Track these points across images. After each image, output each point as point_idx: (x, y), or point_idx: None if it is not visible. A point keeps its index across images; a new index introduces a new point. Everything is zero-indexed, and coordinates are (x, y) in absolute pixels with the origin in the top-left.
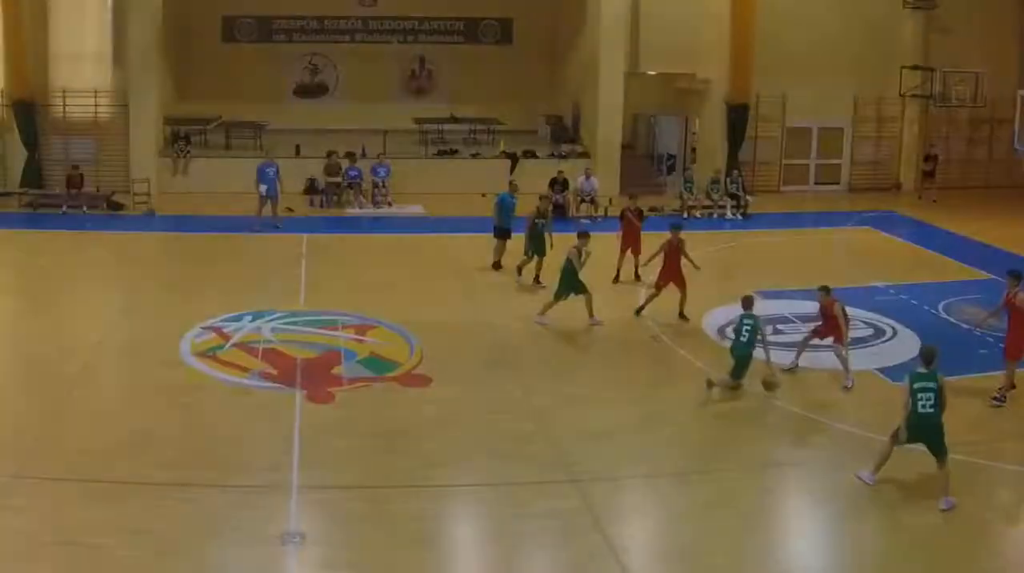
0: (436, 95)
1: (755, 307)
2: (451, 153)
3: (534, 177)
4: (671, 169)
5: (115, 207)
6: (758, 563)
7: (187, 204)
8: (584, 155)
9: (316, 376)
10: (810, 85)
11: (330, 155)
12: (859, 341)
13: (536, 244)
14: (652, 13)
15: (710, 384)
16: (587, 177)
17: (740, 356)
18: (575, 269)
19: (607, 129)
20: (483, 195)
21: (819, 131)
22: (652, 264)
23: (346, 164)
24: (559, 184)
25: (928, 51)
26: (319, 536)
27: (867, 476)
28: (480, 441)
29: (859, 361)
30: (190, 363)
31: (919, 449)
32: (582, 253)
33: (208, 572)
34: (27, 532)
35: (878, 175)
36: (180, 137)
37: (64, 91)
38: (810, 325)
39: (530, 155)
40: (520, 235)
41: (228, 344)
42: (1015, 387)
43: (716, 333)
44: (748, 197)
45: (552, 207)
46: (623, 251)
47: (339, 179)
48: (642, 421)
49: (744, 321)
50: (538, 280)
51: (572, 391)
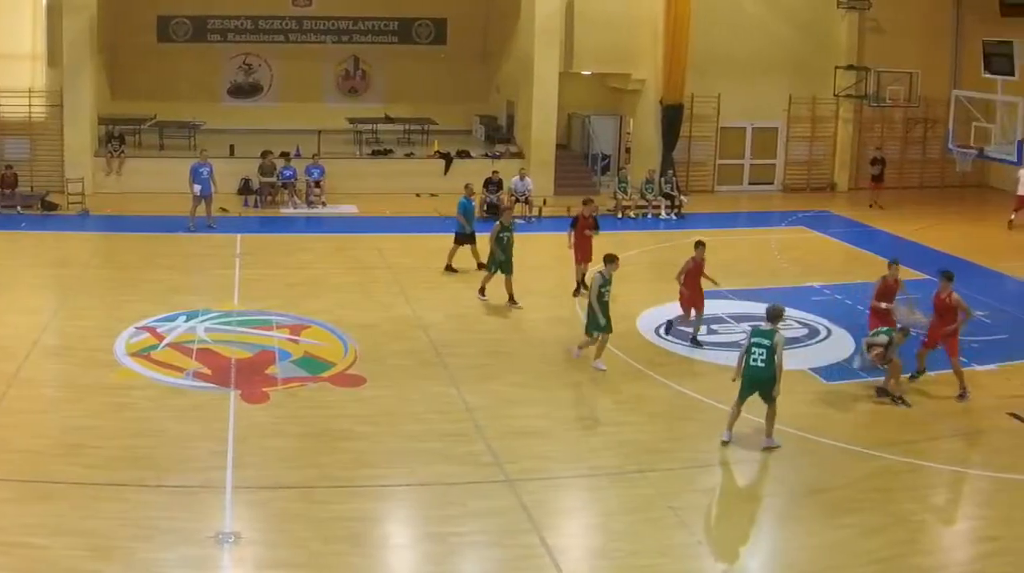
0: (370, 95)
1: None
2: (385, 153)
3: (468, 177)
4: (605, 169)
5: (49, 207)
6: (694, 562)
7: (121, 204)
8: (518, 155)
9: (250, 376)
10: (744, 85)
11: (264, 155)
12: (794, 341)
13: (505, 260)
14: (586, 13)
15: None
16: (521, 177)
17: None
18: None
19: (541, 129)
20: (417, 196)
21: (753, 131)
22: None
23: (280, 164)
24: (493, 184)
25: (862, 51)
26: (253, 536)
27: (726, 434)
28: (414, 441)
29: (793, 361)
30: (125, 363)
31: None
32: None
33: (142, 572)
34: None
35: (813, 175)
36: (114, 137)
37: None
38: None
39: (464, 155)
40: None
41: (162, 344)
42: (924, 372)
43: (652, 333)
44: (682, 197)
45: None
46: (578, 260)
47: (273, 179)
48: (577, 420)
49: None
50: (512, 300)
51: (506, 391)
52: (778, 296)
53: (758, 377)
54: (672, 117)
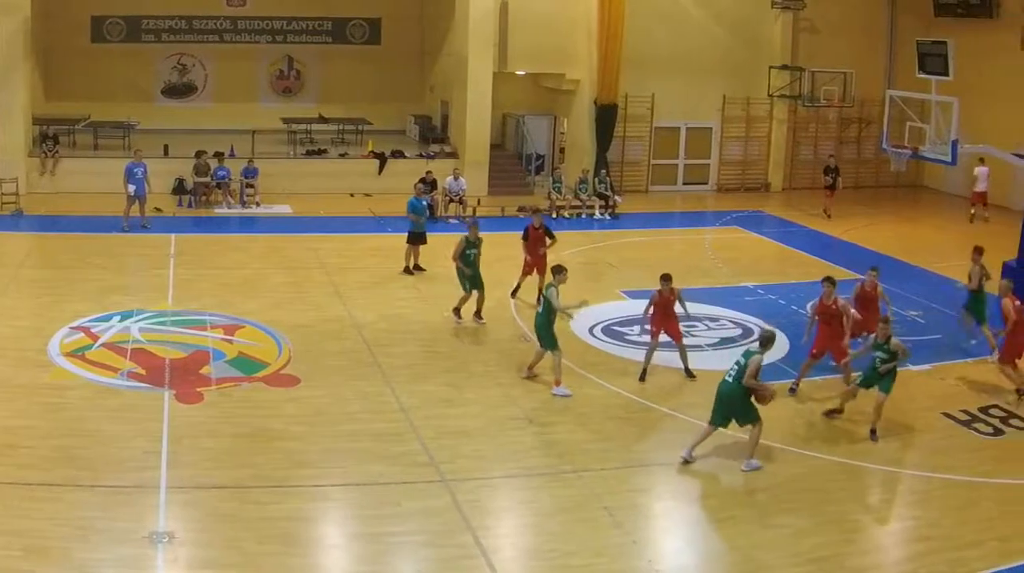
0: (304, 95)
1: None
2: (319, 153)
3: (402, 177)
4: (539, 169)
5: None
6: (628, 562)
7: (55, 204)
8: (452, 155)
9: (185, 376)
10: (679, 85)
11: (199, 155)
12: (728, 341)
13: (473, 277)
14: (521, 13)
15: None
16: (455, 177)
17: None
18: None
19: (476, 129)
20: (351, 196)
21: (687, 131)
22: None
23: (215, 164)
24: (427, 184)
25: (796, 51)
26: (188, 536)
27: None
28: (348, 441)
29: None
30: (59, 363)
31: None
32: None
33: (77, 572)
34: None
35: (747, 175)
36: (48, 137)
37: None
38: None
39: (398, 155)
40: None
41: (97, 344)
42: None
43: (587, 333)
44: (616, 197)
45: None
46: (527, 273)
47: (208, 179)
48: (512, 421)
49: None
50: (479, 315)
51: (441, 391)
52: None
53: (723, 391)
54: (606, 117)
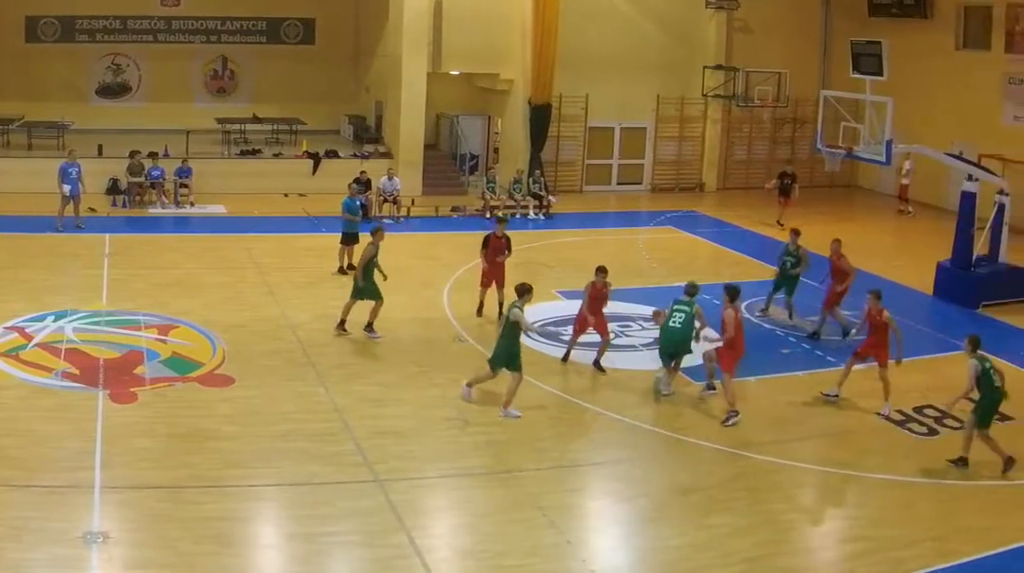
0: (238, 95)
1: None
2: (253, 153)
3: (337, 177)
4: (474, 169)
5: None
6: (563, 563)
7: None
8: (387, 155)
9: (119, 376)
10: (613, 85)
11: (133, 155)
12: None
13: (370, 285)
14: (455, 13)
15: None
16: (390, 177)
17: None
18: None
19: (410, 129)
20: (285, 196)
21: (622, 131)
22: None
23: (149, 164)
24: (362, 184)
25: (730, 51)
26: (122, 536)
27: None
28: (283, 441)
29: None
30: None
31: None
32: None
33: (10, 572)
34: None
35: (681, 175)
36: None
37: None
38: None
39: (333, 155)
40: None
41: (31, 344)
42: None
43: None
44: (550, 197)
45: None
46: (486, 284)
47: (142, 179)
48: (445, 421)
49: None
50: (371, 327)
51: (374, 391)
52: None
53: (675, 337)
54: (540, 117)
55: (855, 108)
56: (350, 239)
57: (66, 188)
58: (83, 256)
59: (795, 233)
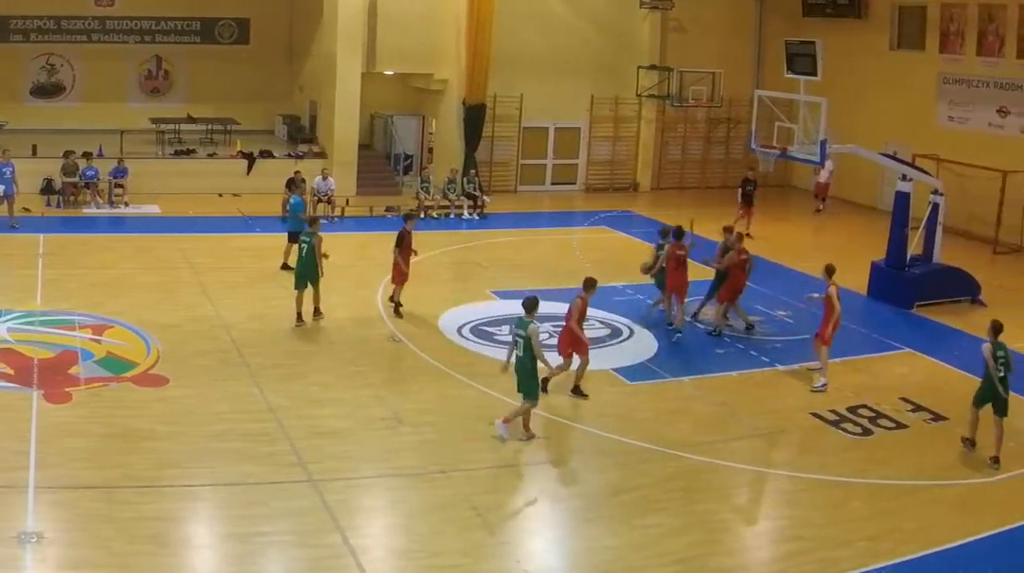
0: (173, 95)
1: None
2: (188, 153)
3: (271, 177)
4: (408, 169)
5: None
6: (496, 563)
7: None
8: (321, 155)
9: (53, 376)
10: (548, 85)
11: (67, 155)
12: (596, 341)
13: (312, 269)
14: (389, 13)
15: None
16: (324, 177)
17: (518, 369)
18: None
19: (344, 129)
20: (220, 196)
21: (556, 131)
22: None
23: (83, 164)
24: (296, 184)
25: (665, 51)
26: (56, 536)
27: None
28: (217, 441)
29: (596, 361)
30: None
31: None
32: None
33: None
34: None
35: (615, 175)
36: None
37: None
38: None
39: (267, 155)
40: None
41: None
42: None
43: (455, 333)
44: (485, 197)
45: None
46: (401, 281)
47: (76, 179)
48: (380, 421)
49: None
50: (317, 313)
51: (309, 391)
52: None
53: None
54: (474, 117)
55: (789, 108)
56: (296, 237)
57: (0, 188)
58: (17, 256)
59: (728, 230)
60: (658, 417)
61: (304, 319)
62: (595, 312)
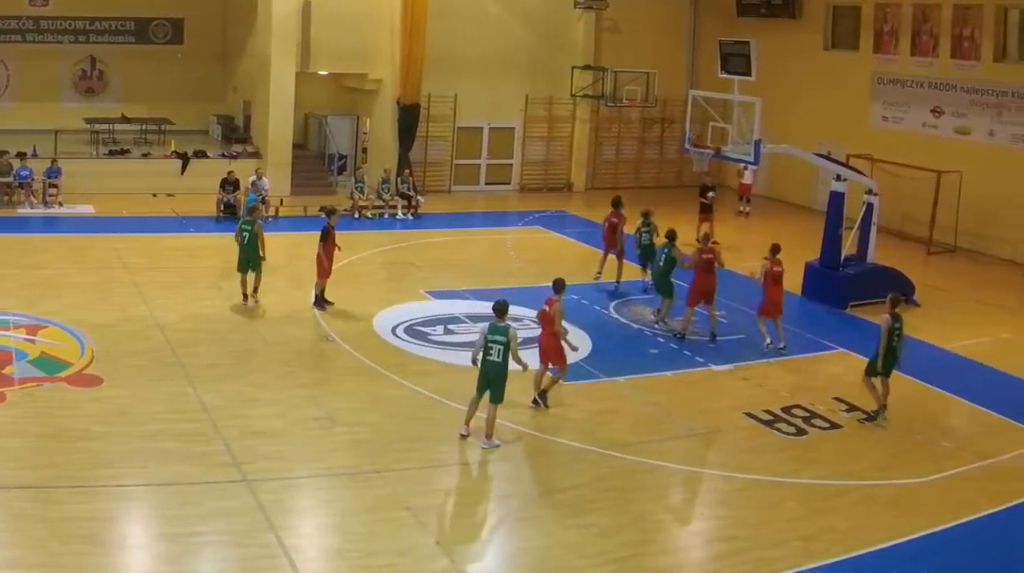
0: (107, 95)
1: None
2: (122, 153)
3: (205, 177)
4: (342, 169)
5: None
6: (431, 563)
7: None
8: (255, 155)
9: None
10: (482, 85)
11: (1, 155)
12: (530, 341)
13: (254, 254)
14: (323, 13)
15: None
16: (258, 177)
17: (495, 376)
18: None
19: (278, 129)
20: (154, 196)
21: (490, 131)
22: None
23: (17, 164)
24: (230, 184)
25: (599, 51)
26: None
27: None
28: (151, 441)
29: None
30: None
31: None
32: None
33: None
34: None
35: (549, 175)
36: None
37: None
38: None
39: (201, 155)
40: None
41: None
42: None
43: (389, 333)
44: (419, 197)
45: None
46: (325, 276)
47: (10, 179)
48: (314, 421)
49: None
50: (254, 294)
51: (243, 391)
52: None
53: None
54: (408, 117)
55: (723, 108)
56: None
57: None
58: None
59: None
60: (592, 417)
61: (248, 298)
62: (528, 312)
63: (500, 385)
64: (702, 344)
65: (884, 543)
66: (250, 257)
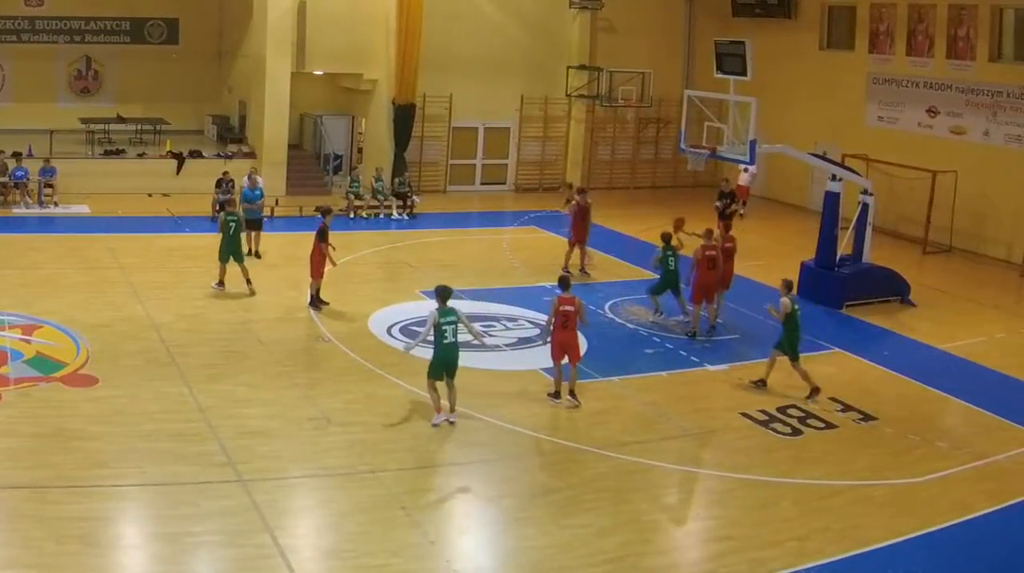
0: (102, 95)
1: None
2: (117, 153)
3: (200, 177)
4: (338, 169)
5: None
6: (426, 563)
7: None
8: (250, 155)
9: None
10: (477, 85)
11: None
12: (525, 341)
13: (237, 245)
14: (319, 13)
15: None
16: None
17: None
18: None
19: (273, 129)
20: (149, 196)
21: (486, 131)
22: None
23: (12, 164)
24: (225, 184)
25: (594, 51)
26: None
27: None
28: (146, 441)
29: (525, 360)
30: None
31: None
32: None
33: None
34: None
35: (545, 175)
36: None
37: None
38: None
39: (196, 155)
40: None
41: None
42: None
43: (384, 333)
44: (414, 197)
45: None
46: (320, 275)
47: (5, 179)
48: (309, 421)
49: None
50: (248, 284)
51: (238, 391)
52: (510, 296)
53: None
54: (404, 117)
55: (719, 108)
56: (252, 225)
57: None
58: None
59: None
60: (588, 417)
61: (224, 284)
62: (523, 311)
63: (456, 363)
64: (698, 344)
65: (879, 543)
66: (235, 249)
